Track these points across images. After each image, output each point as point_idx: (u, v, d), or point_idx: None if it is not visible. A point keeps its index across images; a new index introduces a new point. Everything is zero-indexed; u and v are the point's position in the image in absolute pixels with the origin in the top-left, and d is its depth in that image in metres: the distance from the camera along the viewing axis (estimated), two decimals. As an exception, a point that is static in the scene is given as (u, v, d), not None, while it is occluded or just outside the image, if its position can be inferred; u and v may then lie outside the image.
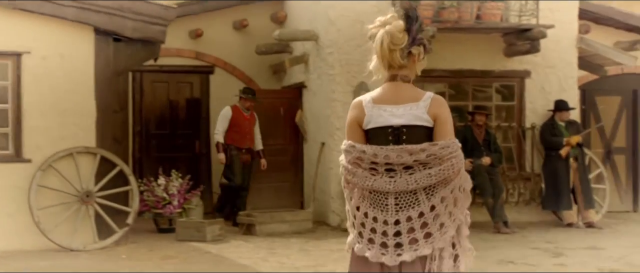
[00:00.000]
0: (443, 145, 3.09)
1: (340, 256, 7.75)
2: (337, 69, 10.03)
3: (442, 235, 3.08)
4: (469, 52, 10.29)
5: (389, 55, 3.16)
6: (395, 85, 3.22)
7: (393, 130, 3.15)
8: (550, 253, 7.93)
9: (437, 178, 3.08)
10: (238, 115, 9.94)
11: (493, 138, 9.98)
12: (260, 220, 9.24)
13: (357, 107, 3.25)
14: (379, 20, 3.21)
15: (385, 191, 3.11)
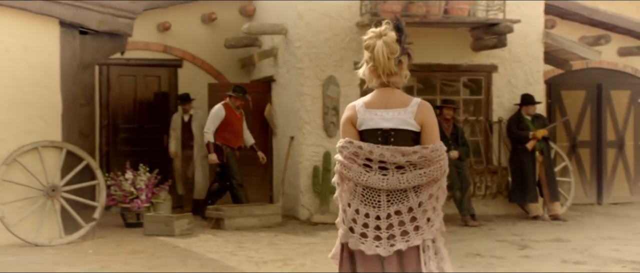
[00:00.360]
0: (433, 149, 3.38)
1: (309, 249, 7.77)
2: (306, 63, 10.02)
3: (429, 228, 3.38)
4: (437, 47, 10.35)
5: (385, 63, 3.42)
6: (386, 91, 3.49)
7: (382, 133, 3.43)
8: (516, 245, 8.03)
9: (427, 178, 3.37)
10: (230, 114, 9.83)
11: (461, 132, 10.06)
12: (228, 214, 9.22)
13: (351, 109, 3.55)
14: (373, 32, 3.47)
15: (378, 188, 3.36)
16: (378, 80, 3.49)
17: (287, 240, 8.42)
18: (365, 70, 3.52)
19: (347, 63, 10.12)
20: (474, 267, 6.81)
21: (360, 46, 11.03)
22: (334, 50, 10.10)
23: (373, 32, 3.48)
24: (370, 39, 3.48)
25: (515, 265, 6.87)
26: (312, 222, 9.67)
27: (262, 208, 9.63)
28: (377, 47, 3.43)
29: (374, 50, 3.44)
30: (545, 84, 11.39)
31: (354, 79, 10.16)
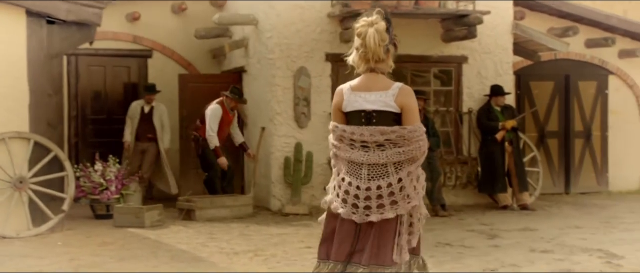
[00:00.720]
0: (411, 130, 3.74)
1: (281, 240, 7.78)
2: (276, 54, 10.00)
3: (406, 204, 3.72)
4: (408, 38, 10.35)
5: (376, 50, 3.73)
6: (372, 76, 3.81)
7: (366, 114, 3.79)
8: (486, 235, 8.11)
9: (406, 156, 3.73)
10: (224, 115, 9.69)
11: (431, 123, 10.11)
12: (199, 205, 9.17)
13: (339, 94, 3.91)
14: (364, 20, 3.77)
15: (359, 162, 3.76)
16: (366, 66, 3.80)
17: (258, 231, 8.41)
18: (355, 57, 3.82)
19: (318, 54, 10.12)
20: (444, 256, 6.87)
21: (331, 37, 11.11)
22: (305, 41, 10.08)
23: (365, 21, 3.76)
24: (362, 27, 3.74)
25: (484, 254, 6.94)
26: (283, 212, 9.68)
27: (233, 199, 9.59)
28: (369, 34, 3.71)
29: (365, 37, 3.72)
30: (515, 75, 11.50)
31: (325, 69, 10.17)
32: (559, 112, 12.17)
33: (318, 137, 10.11)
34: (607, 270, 6.21)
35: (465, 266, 6.44)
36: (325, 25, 10.10)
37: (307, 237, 8.00)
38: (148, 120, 10.37)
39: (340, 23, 10.07)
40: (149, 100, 10.41)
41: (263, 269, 6.38)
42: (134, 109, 10.49)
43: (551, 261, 6.59)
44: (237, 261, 6.74)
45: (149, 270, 6.27)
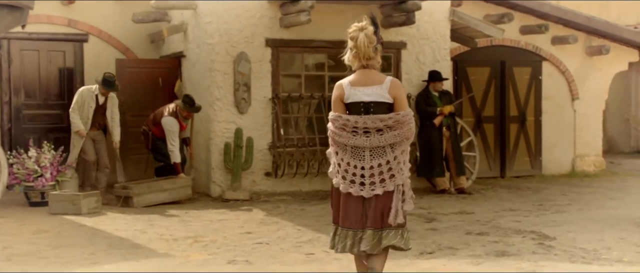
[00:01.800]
0: (403, 114, 4.45)
1: (221, 226, 7.76)
2: (216, 39, 9.92)
3: (401, 175, 4.44)
4: (348, 23, 10.29)
5: (366, 50, 4.45)
6: (366, 71, 4.52)
7: (364, 105, 4.46)
8: (424, 218, 8.25)
9: (400, 137, 4.44)
10: (180, 125, 9.71)
11: (371, 108, 10.20)
12: (136, 192, 9.06)
13: (339, 88, 4.56)
14: (356, 26, 4.52)
15: (363, 146, 4.43)
16: (359, 63, 4.51)
17: (198, 217, 8.37)
18: (349, 56, 4.54)
19: (258, 39, 10.08)
20: (383, 240, 6.96)
21: (271, 22, 11.07)
22: (245, 26, 10.03)
23: (356, 27, 4.52)
24: (354, 32, 4.50)
25: (422, 237, 7.07)
26: (224, 198, 9.64)
27: (171, 182, 9.48)
28: (360, 38, 4.46)
29: (357, 41, 4.46)
30: (452, 60, 11.68)
31: (265, 55, 10.14)
32: (494, 97, 12.43)
33: (258, 122, 10.09)
34: (539, 251, 6.40)
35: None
36: (265, 11, 10.06)
37: (248, 222, 8.00)
38: (102, 110, 9.79)
39: (280, 8, 10.04)
40: (105, 93, 9.77)
41: (203, 255, 6.36)
42: (87, 96, 9.71)
43: (486, 243, 6.76)
44: (176, 247, 6.70)
45: (86, 258, 6.19)
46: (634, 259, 6.04)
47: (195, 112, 9.80)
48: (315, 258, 6.20)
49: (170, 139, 9.52)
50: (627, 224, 7.70)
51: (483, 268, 5.79)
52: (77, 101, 9.69)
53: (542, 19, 12.28)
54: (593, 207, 9.14)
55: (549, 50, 12.69)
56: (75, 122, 9.65)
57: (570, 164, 12.93)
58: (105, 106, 9.79)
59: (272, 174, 10.06)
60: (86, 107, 9.66)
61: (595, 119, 13.12)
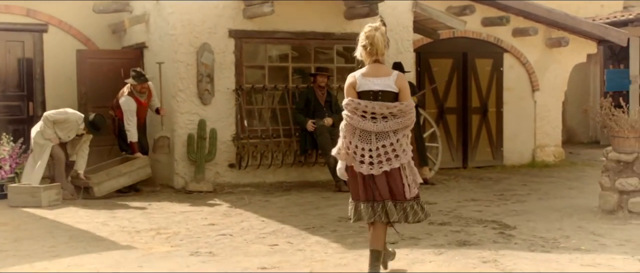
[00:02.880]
0: (406, 104, 5.05)
1: (184, 218, 7.72)
2: (178, 29, 9.85)
3: (405, 155, 5.07)
4: (312, 15, 10.44)
5: (380, 47, 5.02)
6: (376, 65, 5.08)
7: (374, 93, 5.06)
8: (387, 208, 8.30)
9: (402, 125, 5.04)
10: (137, 103, 9.59)
11: (334, 100, 10.24)
12: (96, 181, 8.95)
13: (352, 78, 5.13)
14: (370, 26, 5.06)
15: (369, 131, 5.02)
16: (370, 58, 5.07)
17: (161, 209, 8.32)
18: (362, 52, 5.08)
19: (221, 30, 10.04)
20: (346, 231, 7.01)
21: (234, 13, 11.00)
22: (208, 17, 9.97)
23: (371, 27, 5.06)
24: (370, 31, 5.04)
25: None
26: (187, 190, 9.60)
27: (129, 165, 9.40)
28: (377, 36, 5.02)
29: (374, 39, 5.02)
30: (415, 52, 11.76)
31: (228, 46, 10.10)
32: (456, 88, 12.55)
33: (222, 113, 10.05)
34: (500, 240, 6.50)
35: (366, 240, 6.58)
36: (228, 2, 10.01)
37: (211, 214, 7.98)
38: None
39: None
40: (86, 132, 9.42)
41: (166, 247, 6.33)
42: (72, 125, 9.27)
43: (448, 233, 6.84)
44: (138, 239, 6.65)
45: (46, 251, 6.11)
46: (591, 247, 6.17)
47: (145, 81, 9.62)
48: (278, 249, 6.21)
49: (126, 119, 9.47)
50: (585, 213, 7.85)
51: (445, 257, 5.86)
52: (58, 120, 9.11)
53: (503, 11, 12.42)
54: (552, 196, 9.30)
55: (510, 42, 12.85)
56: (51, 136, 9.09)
57: (530, 154, 13.12)
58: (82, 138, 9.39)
59: (235, 166, 10.04)
60: (65, 133, 9.17)
61: (555, 110, 13.33)
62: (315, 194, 9.44)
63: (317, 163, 10.40)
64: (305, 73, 10.49)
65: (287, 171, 10.37)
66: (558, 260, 5.70)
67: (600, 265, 5.52)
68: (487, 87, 12.75)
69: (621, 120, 7.60)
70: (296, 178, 10.42)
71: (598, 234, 6.72)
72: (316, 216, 7.83)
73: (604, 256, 5.83)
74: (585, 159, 13.81)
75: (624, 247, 6.19)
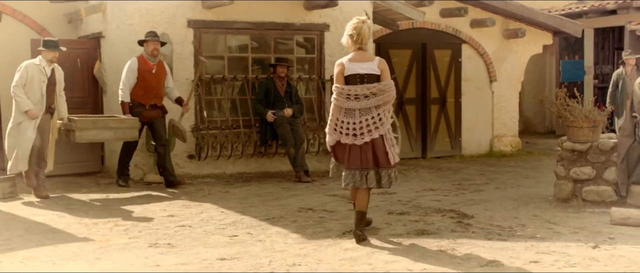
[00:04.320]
0: (385, 84, 5.98)
1: (142, 210, 7.66)
2: (136, 19, 9.73)
3: (383, 127, 5.99)
4: (271, 5, 10.40)
5: (366, 37, 5.99)
6: (361, 52, 6.02)
7: (360, 76, 5.98)
8: (347, 199, 8.31)
9: (383, 101, 5.96)
10: (143, 66, 9.00)
11: (294, 90, 10.23)
12: (80, 126, 8.45)
13: (341, 65, 6.03)
14: (358, 19, 6.01)
15: (354, 108, 5.97)
16: (355, 46, 6.00)
17: (119, 200, 8.23)
18: (348, 40, 6.01)
19: (180, 20, 9.94)
20: (306, 221, 7.03)
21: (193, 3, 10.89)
22: (166, 6, 9.86)
23: (359, 20, 5.98)
24: (358, 24, 5.96)
25: (345, 217, 7.16)
26: (145, 181, 9.51)
27: (119, 121, 8.83)
28: (364, 28, 5.97)
29: (360, 30, 5.95)
30: (375, 43, 11.81)
31: (187, 36, 10.01)
32: (416, 79, 12.64)
33: (181, 104, 9.96)
34: (458, 229, 6.58)
35: (327, 230, 6.62)
36: (186, -9, 9.93)
37: (170, 205, 7.92)
38: (52, 86, 8.44)
39: (202, -11, 9.93)
40: (52, 60, 8.40)
41: (124, 239, 6.28)
42: (33, 71, 8.27)
43: (407, 222, 6.90)
44: (96, 231, 6.58)
45: (1, 244, 6.01)
46: (546, 235, 6.29)
47: (158, 41, 9.04)
48: (238, 240, 6.20)
49: (123, 78, 8.97)
50: (541, 202, 7.99)
51: (404, 246, 5.91)
52: (22, 76, 8.19)
53: (461, 2, 12.54)
54: (509, 185, 9.45)
55: (468, 33, 12.98)
56: (22, 99, 8.12)
57: (488, 144, 13.29)
58: (54, 80, 8.44)
59: (195, 157, 9.98)
60: (36, 83, 8.20)
61: (512, 100, 13.52)
62: (276, 185, 9.44)
63: (277, 154, 10.40)
64: (265, 63, 10.46)
65: (247, 162, 10.34)
66: (514, 248, 5.80)
67: (555, 253, 5.63)
68: (445, 77, 12.87)
69: (575, 110, 7.74)
70: (256, 169, 10.41)
71: (553, 222, 6.86)
72: (276, 207, 7.83)
73: (559, 244, 5.95)
74: (541, 149, 14.05)
75: (578, 234, 6.32)
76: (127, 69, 9.02)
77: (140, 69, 9.03)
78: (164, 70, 9.29)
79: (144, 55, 9.09)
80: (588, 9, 15.33)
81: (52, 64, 8.40)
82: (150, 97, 9.12)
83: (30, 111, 8.15)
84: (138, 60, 9.07)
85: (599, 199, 7.59)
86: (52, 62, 8.38)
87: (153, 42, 9.03)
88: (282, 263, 5.40)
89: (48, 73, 8.33)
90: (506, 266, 5.27)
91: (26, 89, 8.20)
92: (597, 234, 6.31)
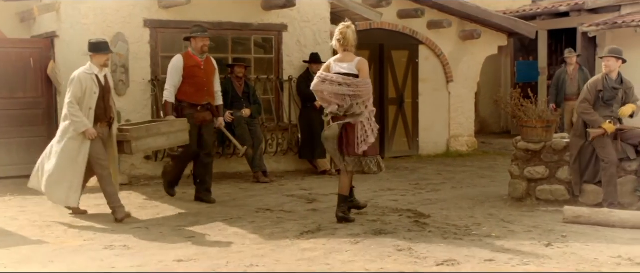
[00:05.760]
0: (359, 80, 6.82)
1: (98, 211, 7.55)
2: (91, 18, 9.60)
3: (362, 114, 6.80)
4: (228, 5, 10.36)
5: (351, 40, 6.88)
6: (346, 54, 6.90)
7: (343, 74, 6.82)
8: (305, 199, 8.36)
9: (357, 94, 6.77)
10: (190, 62, 8.01)
11: (252, 91, 10.20)
12: (135, 135, 7.49)
13: (328, 64, 6.97)
14: (344, 24, 6.94)
15: (322, 89, 6.88)
16: (342, 48, 6.90)
17: (74, 203, 8.10)
18: (336, 44, 6.92)
19: (136, 19, 9.84)
20: (264, 222, 7.01)
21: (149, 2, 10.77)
22: (122, 6, 9.75)
23: (344, 25, 6.91)
24: (343, 28, 6.88)
25: (303, 217, 7.17)
26: (101, 183, 9.38)
27: (168, 124, 7.83)
28: (349, 33, 6.88)
29: (346, 34, 6.86)
30: (332, 43, 11.81)
31: (143, 36, 9.91)
32: (373, 79, 12.64)
33: (137, 105, 9.86)
34: (415, 229, 6.64)
35: (284, 230, 6.62)
36: (143, -10, 9.82)
37: (127, 206, 7.81)
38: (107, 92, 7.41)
39: (159, -12, 9.84)
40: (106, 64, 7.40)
41: (78, 241, 6.19)
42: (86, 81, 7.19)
43: (365, 222, 6.94)
44: (50, 233, 6.48)
45: (-48, 248, 5.87)
46: (501, 234, 6.38)
47: (207, 36, 8.14)
48: (196, 242, 6.16)
49: (168, 78, 8.08)
50: (496, 201, 8.11)
51: (361, 246, 5.94)
52: (77, 90, 7.11)
53: (418, 4, 12.65)
54: (465, 185, 9.56)
55: (426, 34, 13.09)
56: (79, 119, 7.04)
57: (445, 144, 13.43)
58: (109, 87, 7.38)
59: (152, 158, 9.87)
60: (90, 95, 7.14)
61: (468, 101, 13.67)
62: (233, 186, 9.40)
63: (235, 154, 10.35)
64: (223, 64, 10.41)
65: (204, 163, 10.26)
66: (470, 247, 5.87)
67: (509, 251, 5.72)
68: (403, 78, 12.96)
69: (530, 110, 7.88)
70: (214, 169, 10.27)
71: (508, 221, 6.96)
72: (234, 207, 7.80)
73: (513, 242, 6.05)
74: (496, 149, 14.25)
75: (532, 233, 6.43)
76: (171, 67, 8.07)
77: (186, 65, 8.01)
78: (213, 66, 8.27)
79: (190, 50, 8.13)
80: (541, 11, 15.60)
81: (104, 69, 7.31)
82: (203, 95, 8.09)
83: (88, 131, 7.03)
84: (183, 56, 8.09)
85: (552, 198, 7.74)
86: (106, 66, 7.32)
87: (202, 38, 8.07)
88: (239, 264, 5.38)
89: (102, 81, 7.25)
90: (462, 265, 5.34)
91: (80, 104, 7.10)
92: (550, 233, 6.42)
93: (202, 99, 8.09)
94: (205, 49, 8.11)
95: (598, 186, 7.44)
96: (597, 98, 7.47)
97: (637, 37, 13.20)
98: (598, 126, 7.35)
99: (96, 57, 7.22)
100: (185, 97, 8.05)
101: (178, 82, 8.03)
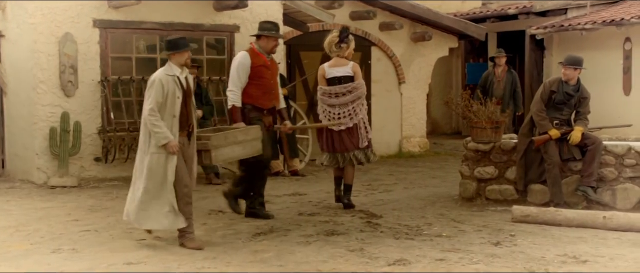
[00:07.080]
0: (357, 83, 7.62)
1: (45, 214, 7.42)
2: (38, 18, 9.43)
3: (358, 116, 7.63)
4: (180, 5, 10.27)
5: (328, 48, 7.71)
6: (338, 59, 7.67)
7: (338, 78, 7.62)
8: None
9: (356, 96, 7.60)
10: (257, 61, 7.13)
11: (204, 92, 10.13)
12: (215, 143, 6.45)
13: (322, 69, 7.73)
14: (332, 34, 7.71)
15: (334, 104, 7.65)
16: (334, 55, 7.68)
17: (20, 206, 7.94)
18: (335, 49, 7.69)
19: (85, 19, 9.69)
20: (217, 223, 6.98)
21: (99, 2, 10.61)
22: (70, 5, 9.59)
23: (332, 35, 7.71)
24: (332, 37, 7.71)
25: (255, 219, 7.13)
26: (49, 185, 9.22)
27: (243, 132, 6.85)
28: (325, 42, 7.74)
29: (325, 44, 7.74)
30: (285, 44, 11.82)
31: (93, 36, 9.76)
32: (326, 81, 12.70)
33: (87, 106, 9.72)
34: (367, 229, 6.68)
35: (237, 232, 6.59)
36: (92, -11, 9.68)
37: (75, 209, 7.70)
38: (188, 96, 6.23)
39: (109, -12, 9.71)
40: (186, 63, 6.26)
41: (25, 245, 6.06)
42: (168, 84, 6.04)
43: (317, 223, 6.96)
44: (-5, 238, 6.33)
45: None
46: (452, 233, 6.47)
47: (278, 36, 7.31)
48: (146, 244, 6.09)
49: (232, 78, 7.13)
50: (447, 201, 8.21)
51: (313, 247, 5.95)
52: (158, 95, 5.97)
53: (370, 5, 12.72)
54: (417, 185, 9.66)
55: (378, 36, 13.18)
56: (161, 130, 5.93)
57: (397, 145, 13.53)
58: (190, 90, 6.25)
59: (102, 159, 9.73)
60: (172, 100, 6.01)
61: (420, 102, 13.81)
62: (185, 187, 9.30)
63: (187, 156, 10.26)
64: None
65: (156, 164, 10.15)
66: (420, 247, 5.93)
67: (459, 251, 5.80)
68: (355, 79, 12.99)
69: (479, 111, 7.99)
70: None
71: (458, 221, 7.06)
72: (185, 209, 7.71)
73: (463, 241, 6.13)
74: (448, 149, 14.42)
75: (481, 232, 6.53)
76: (238, 65, 7.10)
77: (254, 64, 7.12)
78: (277, 66, 7.57)
79: (256, 48, 7.23)
80: (491, 13, 15.85)
81: (185, 70, 6.20)
82: (270, 98, 7.27)
83: (170, 144, 5.92)
84: (249, 54, 7.18)
85: (501, 198, 7.87)
86: (187, 66, 6.21)
87: (275, 38, 7.25)
88: (191, 266, 5.34)
89: (183, 83, 6.11)
90: (413, 264, 5.39)
91: (160, 111, 5.98)
92: (499, 232, 6.53)
93: (269, 102, 7.27)
94: (275, 50, 7.33)
95: (545, 186, 7.59)
96: (549, 98, 7.59)
97: (583, 40, 13.50)
98: (545, 131, 7.47)
99: (175, 55, 6.09)
100: (250, 100, 7.14)
101: (245, 82, 7.10)
